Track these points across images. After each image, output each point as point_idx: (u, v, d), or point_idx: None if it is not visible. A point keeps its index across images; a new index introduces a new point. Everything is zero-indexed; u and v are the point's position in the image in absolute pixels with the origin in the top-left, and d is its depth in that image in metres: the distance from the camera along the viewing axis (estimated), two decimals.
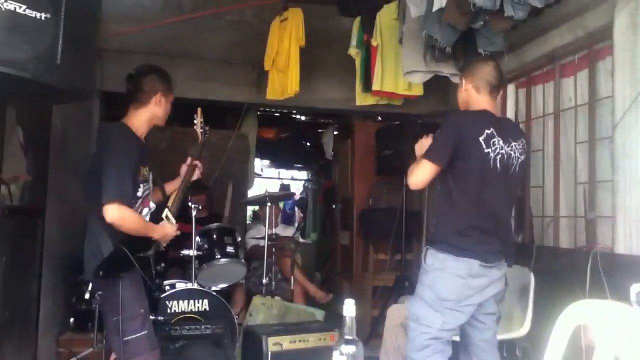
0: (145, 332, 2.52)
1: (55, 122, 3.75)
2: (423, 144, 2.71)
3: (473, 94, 2.69)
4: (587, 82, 3.46)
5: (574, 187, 3.55)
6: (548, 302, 2.90)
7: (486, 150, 2.51)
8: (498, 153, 2.55)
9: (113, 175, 2.41)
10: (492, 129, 2.54)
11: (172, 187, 2.89)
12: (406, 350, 3.25)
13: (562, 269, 3.27)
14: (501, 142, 2.56)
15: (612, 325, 2.11)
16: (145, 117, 2.65)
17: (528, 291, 3.21)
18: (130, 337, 2.48)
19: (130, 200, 2.48)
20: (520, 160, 2.65)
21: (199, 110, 3.02)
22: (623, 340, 2.01)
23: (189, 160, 2.95)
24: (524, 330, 3.15)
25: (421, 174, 2.57)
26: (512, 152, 2.61)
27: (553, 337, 2.29)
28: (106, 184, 2.41)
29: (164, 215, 2.66)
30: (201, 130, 3.02)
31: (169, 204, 2.74)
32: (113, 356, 2.93)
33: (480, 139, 2.51)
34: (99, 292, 2.57)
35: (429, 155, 2.57)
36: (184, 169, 2.94)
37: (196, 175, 2.95)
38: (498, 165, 2.55)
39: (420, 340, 2.58)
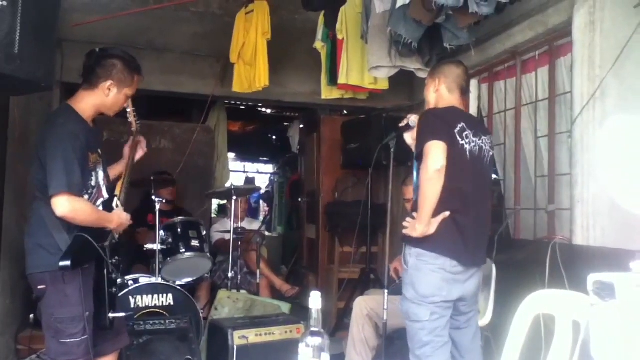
0: (86, 336, 2.30)
1: (14, 113, 3.65)
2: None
3: (445, 95, 2.74)
4: (547, 78, 3.54)
5: (534, 181, 3.63)
6: (509, 292, 2.96)
7: (461, 143, 2.56)
8: (472, 146, 2.60)
9: (59, 164, 2.22)
10: (463, 123, 2.59)
11: (117, 170, 2.70)
12: (373, 341, 3.28)
13: (523, 260, 3.34)
14: (472, 136, 2.61)
15: (570, 314, 2.19)
16: (91, 101, 2.44)
17: (490, 282, 3.27)
18: (68, 340, 2.29)
19: (80, 190, 2.29)
20: (490, 154, 2.73)
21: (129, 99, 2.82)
22: (581, 328, 2.08)
23: (130, 140, 2.77)
24: (486, 319, 3.21)
25: (434, 155, 2.43)
26: (483, 145, 2.67)
27: (514, 325, 2.36)
28: (52, 174, 2.22)
29: (114, 204, 2.48)
30: (133, 118, 2.81)
31: (117, 192, 2.54)
32: None
33: (455, 131, 2.55)
34: (41, 287, 2.30)
35: (428, 138, 2.47)
36: (127, 149, 2.76)
37: (139, 154, 2.77)
38: (472, 157, 2.59)
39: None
